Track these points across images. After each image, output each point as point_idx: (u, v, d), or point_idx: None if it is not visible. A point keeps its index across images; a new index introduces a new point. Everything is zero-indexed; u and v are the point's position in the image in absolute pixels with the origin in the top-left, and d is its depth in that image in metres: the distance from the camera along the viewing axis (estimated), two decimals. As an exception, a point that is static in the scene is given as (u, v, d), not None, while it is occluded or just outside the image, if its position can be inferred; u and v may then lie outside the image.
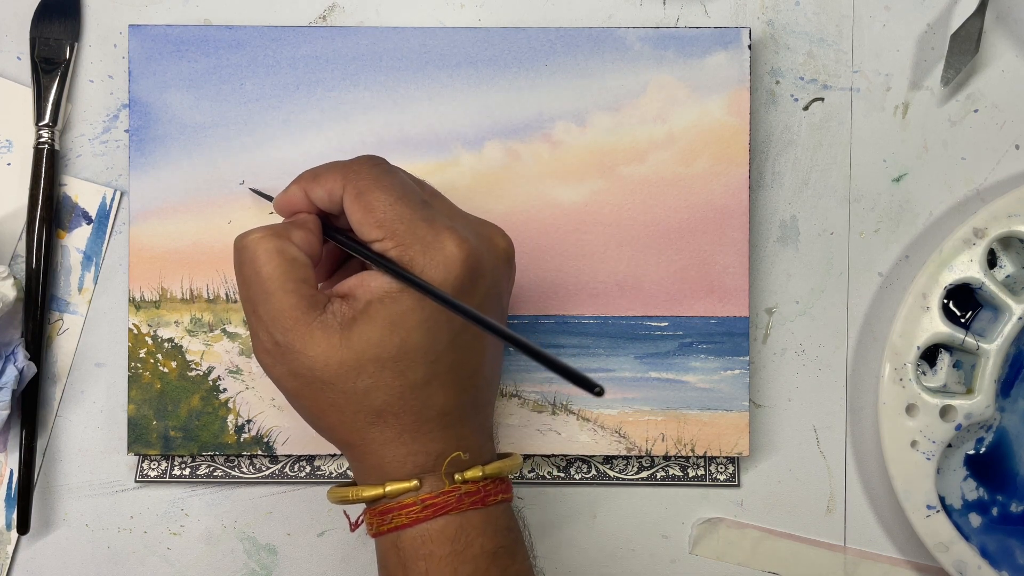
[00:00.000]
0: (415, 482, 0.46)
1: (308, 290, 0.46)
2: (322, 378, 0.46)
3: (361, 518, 0.49)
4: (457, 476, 0.47)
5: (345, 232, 0.49)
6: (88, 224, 0.58)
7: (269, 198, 0.55)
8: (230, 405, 0.57)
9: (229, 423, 0.57)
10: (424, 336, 0.46)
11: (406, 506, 0.46)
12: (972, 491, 0.58)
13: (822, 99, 0.59)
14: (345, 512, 0.52)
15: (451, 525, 0.46)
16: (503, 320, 0.50)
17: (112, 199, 0.58)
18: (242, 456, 0.57)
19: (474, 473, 0.47)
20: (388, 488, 0.47)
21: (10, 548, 0.57)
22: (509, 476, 0.49)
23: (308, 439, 0.56)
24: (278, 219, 0.50)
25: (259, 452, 0.57)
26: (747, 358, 0.57)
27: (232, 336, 0.57)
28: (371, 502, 0.48)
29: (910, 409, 0.56)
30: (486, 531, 0.47)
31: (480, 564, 0.46)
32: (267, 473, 0.58)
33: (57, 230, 0.58)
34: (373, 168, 0.47)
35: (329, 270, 0.52)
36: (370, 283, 0.46)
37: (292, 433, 0.56)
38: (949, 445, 0.57)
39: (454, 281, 0.45)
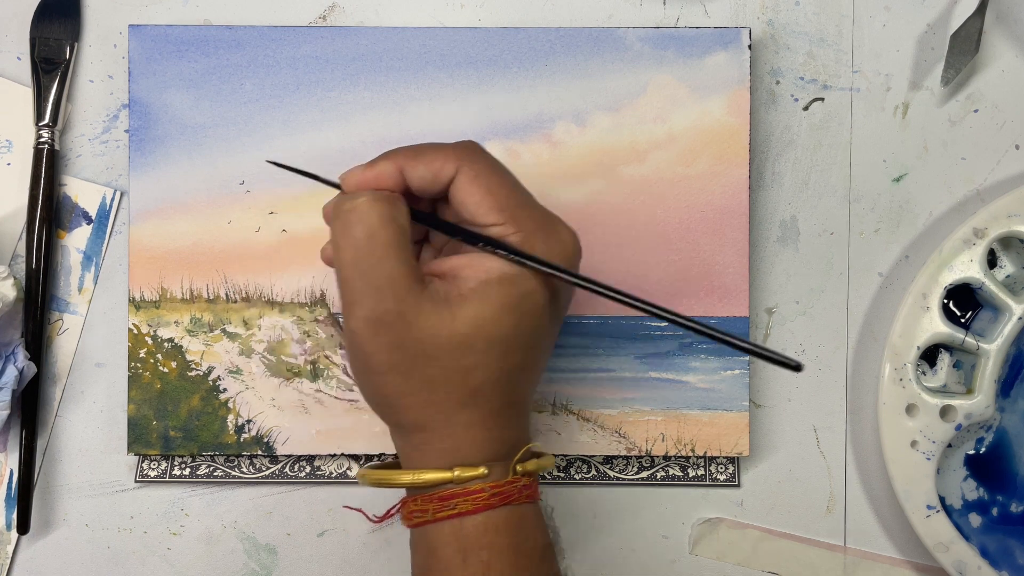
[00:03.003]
0: (483, 469, 0.46)
1: (415, 262, 0.46)
2: (427, 352, 0.45)
3: (396, 508, 0.48)
4: (518, 467, 0.47)
5: (429, 214, 0.48)
6: (88, 224, 0.58)
7: (307, 174, 0.49)
8: (230, 405, 0.57)
9: (229, 423, 0.57)
10: (534, 322, 0.46)
11: (473, 492, 0.45)
12: (972, 491, 0.58)
13: (822, 99, 0.59)
14: (359, 509, 0.50)
15: (514, 515, 0.46)
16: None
17: (112, 199, 0.58)
18: (242, 456, 0.57)
19: (532, 466, 0.47)
20: (456, 473, 0.46)
21: (10, 548, 0.57)
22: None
23: (308, 439, 0.56)
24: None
25: (259, 452, 0.57)
26: (747, 358, 0.57)
27: (232, 336, 0.57)
28: (426, 487, 0.46)
29: (910, 409, 0.56)
30: (538, 525, 0.47)
31: (534, 558, 0.46)
32: (267, 473, 0.58)
33: (57, 230, 0.58)
34: (485, 154, 0.47)
35: None
36: (484, 263, 0.45)
37: (292, 433, 0.56)
38: (949, 445, 0.57)
39: (569, 267, 0.46)
